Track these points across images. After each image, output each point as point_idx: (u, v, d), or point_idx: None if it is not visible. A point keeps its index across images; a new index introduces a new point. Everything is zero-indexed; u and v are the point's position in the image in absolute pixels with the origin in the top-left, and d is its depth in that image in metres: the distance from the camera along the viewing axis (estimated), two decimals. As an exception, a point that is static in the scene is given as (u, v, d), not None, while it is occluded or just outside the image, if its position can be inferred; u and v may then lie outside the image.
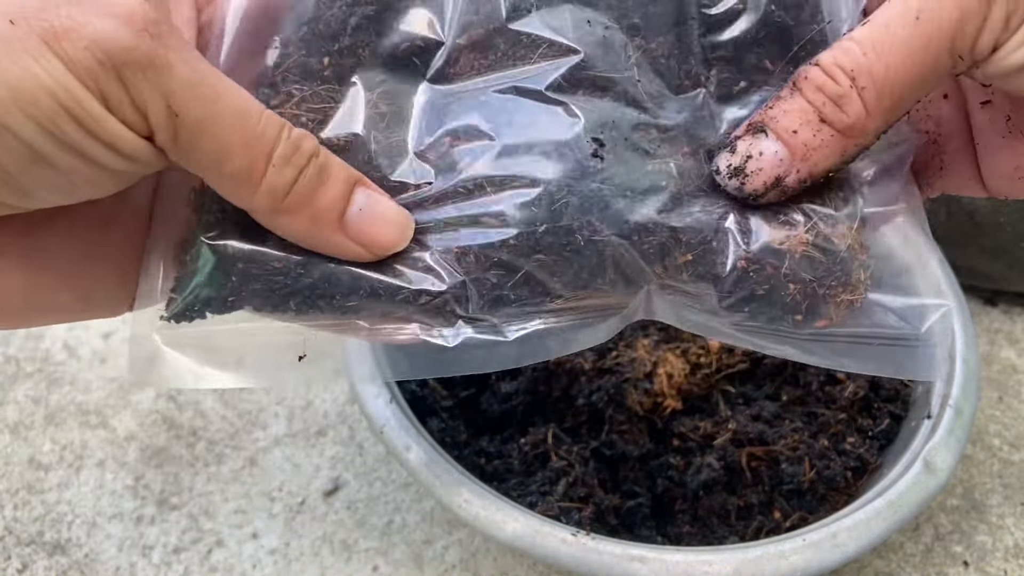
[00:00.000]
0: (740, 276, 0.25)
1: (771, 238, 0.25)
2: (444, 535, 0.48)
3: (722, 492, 0.45)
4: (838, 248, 0.25)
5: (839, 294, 0.25)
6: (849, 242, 0.25)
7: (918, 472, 0.39)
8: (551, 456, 0.45)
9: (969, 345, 0.45)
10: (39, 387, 0.56)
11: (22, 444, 0.53)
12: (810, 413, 0.48)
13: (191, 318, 0.25)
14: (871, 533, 0.37)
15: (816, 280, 0.25)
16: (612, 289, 0.26)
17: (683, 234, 0.25)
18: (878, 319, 0.25)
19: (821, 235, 0.25)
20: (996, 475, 0.50)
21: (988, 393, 0.55)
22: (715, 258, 0.25)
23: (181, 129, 0.21)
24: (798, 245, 0.24)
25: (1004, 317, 0.59)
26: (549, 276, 0.25)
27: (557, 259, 0.25)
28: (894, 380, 0.48)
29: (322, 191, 0.23)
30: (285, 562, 0.47)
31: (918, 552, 0.47)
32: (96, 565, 0.47)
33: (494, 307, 0.25)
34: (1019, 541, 0.47)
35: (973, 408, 0.42)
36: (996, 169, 0.26)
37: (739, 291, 0.25)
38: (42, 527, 0.49)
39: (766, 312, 0.25)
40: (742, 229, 0.25)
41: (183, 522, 0.49)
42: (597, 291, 0.26)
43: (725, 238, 0.25)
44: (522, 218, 0.25)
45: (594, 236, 0.25)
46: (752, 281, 0.25)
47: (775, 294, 0.25)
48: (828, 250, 0.25)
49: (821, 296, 0.25)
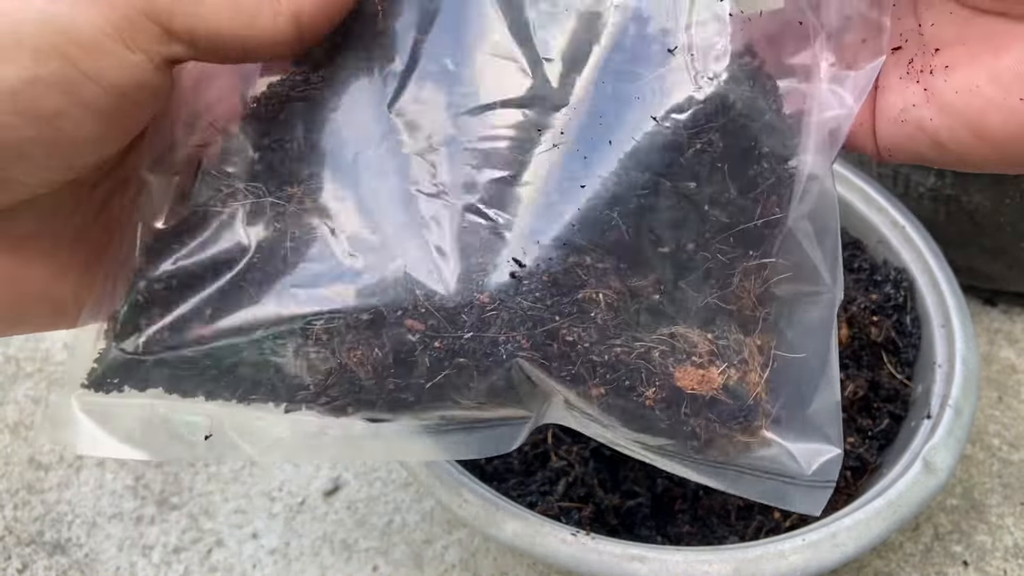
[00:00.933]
0: (647, 412, 0.25)
1: (684, 383, 0.24)
2: (444, 535, 0.48)
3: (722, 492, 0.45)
4: (746, 395, 0.25)
5: (737, 435, 0.25)
6: (758, 391, 0.25)
7: (918, 472, 0.39)
8: (551, 456, 0.45)
9: (969, 345, 0.45)
10: (39, 387, 0.56)
11: (22, 444, 0.53)
12: (810, 413, 0.48)
13: (108, 389, 0.26)
14: (871, 533, 0.37)
15: (718, 421, 0.25)
16: (519, 403, 0.26)
17: (600, 367, 0.25)
18: (770, 455, 0.26)
19: (733, 380, 0.25)
20: (996, 475, 0.50)
21: (988, 393, 0.55)
22: (627, 395, 0.25)
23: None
24: (709, 390, 0.25)
25: (1004, 317, 0.59)
26: (463, 383, 0.25)
27: (475, 368, 0.25)
28: (894, 380, 0.48)
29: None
30: (285, 562, 0.47)
31: (918, 552, 0.47)
32: (96, 565, 0.47)
33: (395, 409, 0.26)
34: (1019, 541, 0.47)
35: (973, 408, 0.42)
36: (885, 112, 0.26)
37: (645, 423, 0.25)
38: (42, 527, 0.49)
39: (666, 438, 0.26)
40: (657, 370, 0.25)
41: (183, 522, 0.49)
42: (505, 403, 0.26)
43: (640, 377, 0.25)
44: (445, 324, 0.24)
45: (517, 353, 0.24)
46: (657, 417, 0.25)
47: (678, 428, 0.25)
48: (737, 395, 0.25)
49: (720, 434, 0.25)
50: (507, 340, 0.24)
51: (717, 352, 0.25)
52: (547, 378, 0.25)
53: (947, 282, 0.48)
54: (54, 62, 0.20)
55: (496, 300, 0.24)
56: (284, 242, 0.25)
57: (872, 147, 0.26)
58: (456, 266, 0.24)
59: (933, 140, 0.25)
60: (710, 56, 0.25)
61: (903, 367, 0.48)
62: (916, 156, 0.25)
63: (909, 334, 0.49)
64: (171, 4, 0.21)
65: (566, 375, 0.24)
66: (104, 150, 0.23)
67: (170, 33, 0.21)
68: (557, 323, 0.24)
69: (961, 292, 0.48)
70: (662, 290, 0.25)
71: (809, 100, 0.26)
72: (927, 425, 0.42)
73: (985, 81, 0.23)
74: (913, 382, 0.48)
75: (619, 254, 0.25)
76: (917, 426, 0.43)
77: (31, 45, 0.20)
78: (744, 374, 0.25)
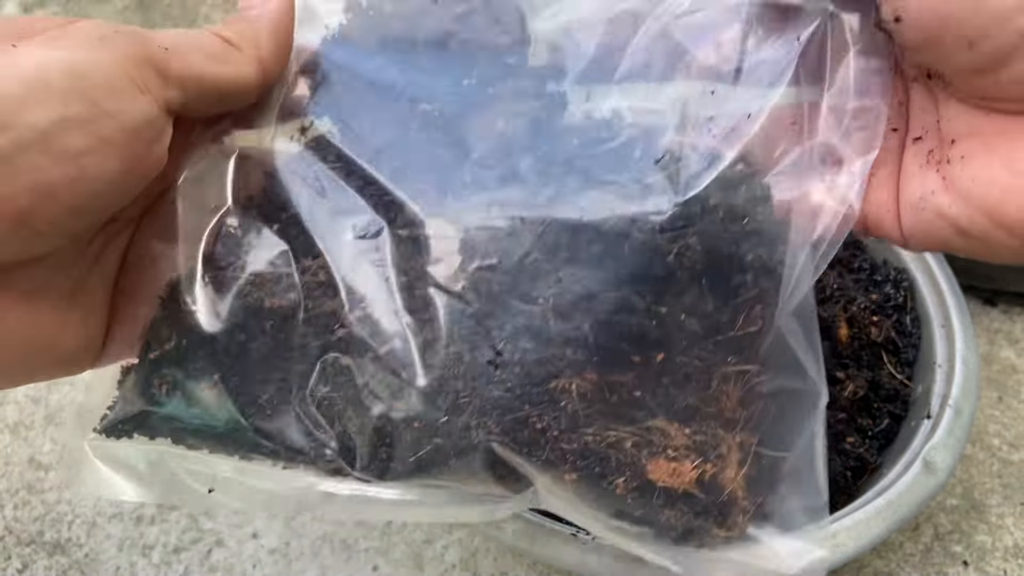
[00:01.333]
0: (619, 499, 0.25)
1: (656, 475, 0.25)
2: (444, 535, 0.48)
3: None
4: (721, 491, 0.25)
5: (714, 529, 0.25)
6: (732, 487, 0.25)
7: (918, 472, 0.39)
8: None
9: (969, 345, 0.45)
10: (39, 387, 0.56)
11: (22, 444, 0.53)
12: (810, 413, 0.48)
13: (119, 436, 0.28)
14: (870, 533, 0.37)
15: (693, 514, 0.25)
16: (498, 482, 0.26)
17: (570, 455, 0.25)
18: (753, 552, 0.26)
19: (708, 475, 0.25)
20: (996, 475, 0.50)
21: (988, 393, 0.55)
22: (599, 482, 0.25)
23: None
24: (682, 484, 0.25)
25: (1004, 317, 0.59)
26: (442, 460, 0.26)
27: (452, 449, 0.25)
28: (894, 380, 0.48)
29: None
30: (285, 562, 0.47)
31: (917, 552, 0.47)
32: (96, 565, 0.47)
33: (382, 473, 0.27)
34: (1019, 541, 0.47)
35: (973, 408, 0.42)
36: (906, 199, 0.26)
37: (619, 510, 0.26)
38: (42, 527, 0.49)
39: (643, 526, 0.26)
40: (628, 460, 0.25)
41: (183, 522, 0.49)
42: (485, 481, 0.26)
43: (611, 466, 0.25)
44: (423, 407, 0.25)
45: (489, 437, 0.25)
46: (630, 506, 0.25)
47: (653, 517, 0.25)
48: (711, 490, 0.25)
49: (696, 526, 0.25)
50: (479, 425, 0.25)
51: (693, 447, 0.25)
52: (522, 462, 0.25)
53: (947, 282, 0.48)
54: (79, 104, 0.22)
55: (469, 388, 0.25)
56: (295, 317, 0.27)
57: (898, 234, 0.27)
58: (436, 351, 0.26)
59: (954, 227, 0.25)
60: (697, 161, 0.25)
61: (903, 367, 0.48)
62: (942, 243, 0.26)
63: (909, 334, 0.49)
64: (167, 54, 0.24)
65: (537, 460, 0.25)
66: (120, 192, 0.25)
67: (167, 78, 0.25)
68: (526, 411, 0.25)
69: (961, 292, 0.47)
70: (640, 386, 0.25)
71: (801, 200, 0.26)
72: (927, 425, 0.42)
73: (1001, 170, 0.24)
74: (913, 382, 0.48)
75: (595, 352, 0.25)
76: (917, 426, 0.43)
77: (59, 89, 0.22)
78: (720, 470, 0.25)
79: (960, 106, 0.25)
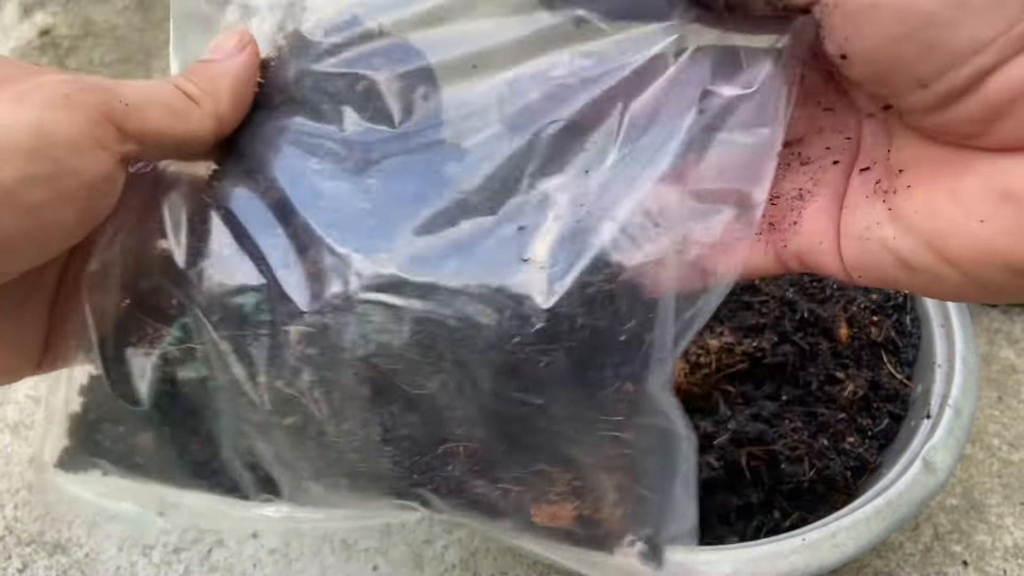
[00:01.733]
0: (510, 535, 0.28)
1: (539, 519, 0.27)
2: (444, 535, 0.48)
3: (722, 491, 0.45)
4: (599, 526, 0.27)
5: (596, 555, 0.28)
6: (610, 523, 0.27)
7: (917, 472, 0.39)
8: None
9: (968, 345, 0.45)
10: (39, 387, 0.56)
11: (22, 444, 0.53)
12: (810, 413, 0.48)
13: (76, 471, 0.30)
14: (870, 532, 0.37)
15: (577, 546, 0.28)
16: (403, 510, 0.29)
17: (461, 505, 0.28)
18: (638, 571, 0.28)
19: (586, 513, 0.27)
20: (995, 475, 0.50)
21: (988, 393, 0.55)
22: (491, 524, 0.28)
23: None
24: (562, 524, 0.27)
25: (1004, 317, 0.59)
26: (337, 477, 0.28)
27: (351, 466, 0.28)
28: (894, 380, 0.48)
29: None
30: (286, 562, 0.47)
31: (917, 552, 0.47)
32: (96, 565, 0.47)
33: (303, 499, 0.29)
34: (1018, 541, 0.47)
35: (972, 408, 0.42)
36: (849, 229, 0.26)
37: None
38: (42, 526, 0.49)
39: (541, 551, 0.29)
40: (513, 506, 0.27)
41: (183, 522, 0.49)
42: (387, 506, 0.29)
43: (498, 511, 0.27)
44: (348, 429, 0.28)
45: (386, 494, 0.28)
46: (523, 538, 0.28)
47: (546, 547, 0.28)
48: (590, 525, 0.27)
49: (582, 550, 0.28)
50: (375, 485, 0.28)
51: (572, 492, 0.27)
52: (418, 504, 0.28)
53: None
54: (43, 163, 0.23)
55: (364, 460, 0.28)
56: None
57: (838, 266, 0.26)
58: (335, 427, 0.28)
59: (898, 260, 0.24)
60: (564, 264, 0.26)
61: (903, 367, 0.48)
62: (885, 278, 0.25)
63: (909, 334, 0.49)
64: (125, 111, 0.25)
65: (433, 507, 0.28)
66: (72, 238, 0.26)
67: (125, 134, 0.25)
68: (415, 480, 0.28)
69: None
70: (525, 442, 0.27)
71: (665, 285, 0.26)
72: (927, 425, 0.42)
73: (945, 201, 0.23)
74: (913, 382, 0.48)
75: (481, 426, 0.27)
76: (917, 426, 0.43)
77: (25, 149, 0.23)
78: (597, 510, 0.27)
79: (909, 135, 0.25)
